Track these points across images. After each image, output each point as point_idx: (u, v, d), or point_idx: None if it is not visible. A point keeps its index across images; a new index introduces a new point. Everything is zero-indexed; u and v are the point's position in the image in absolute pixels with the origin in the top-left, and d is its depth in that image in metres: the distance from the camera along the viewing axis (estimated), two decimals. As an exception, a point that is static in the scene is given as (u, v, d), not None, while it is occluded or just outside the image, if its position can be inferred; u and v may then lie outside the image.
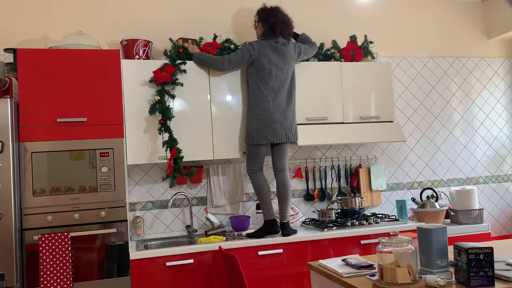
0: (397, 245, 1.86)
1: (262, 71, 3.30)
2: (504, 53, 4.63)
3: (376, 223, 3.56)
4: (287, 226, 3.28)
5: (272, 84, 3.30)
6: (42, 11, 3.46)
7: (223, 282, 3.06)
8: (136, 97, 3.23)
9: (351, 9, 4.19)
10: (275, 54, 3.33)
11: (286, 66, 3.35)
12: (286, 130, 3.31)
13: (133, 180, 3.55)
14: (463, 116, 4.45)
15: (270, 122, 3.26)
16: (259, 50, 3.31)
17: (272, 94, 3.29)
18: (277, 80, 3.31)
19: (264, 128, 3.26)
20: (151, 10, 3.69)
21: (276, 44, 3.35)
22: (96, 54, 3.00)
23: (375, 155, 4.15)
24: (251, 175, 3.34)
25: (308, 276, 3.18)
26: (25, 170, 2.82)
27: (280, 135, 3.29)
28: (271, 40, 3.36)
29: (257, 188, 3.31)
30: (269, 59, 3.31)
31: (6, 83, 2.97)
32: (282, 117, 3.30)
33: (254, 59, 3.32)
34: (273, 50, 3.33)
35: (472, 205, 3.85)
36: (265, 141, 3.27)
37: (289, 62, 3.37)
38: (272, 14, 3.38)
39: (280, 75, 3.32)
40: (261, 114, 3.28)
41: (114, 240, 2.93)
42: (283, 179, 3.33)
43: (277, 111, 3.28)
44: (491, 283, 1.76)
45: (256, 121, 3.29)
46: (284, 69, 3.34)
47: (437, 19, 4.45)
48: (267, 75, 3.30)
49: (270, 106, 3.27)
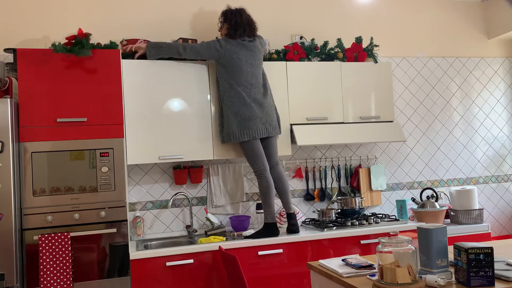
0: (397, 245, 1.86)
1: (231, 68, 3.29)
2: (504, 53, 4.63)
3: (376, 223, 3.56)
4: (294, 216, 3.30)
5: (244, 80, 3.29)
6: (42, 11, 3.46)
7: (223, 282, 3.06)
8: (136, 97, 3.23)
9: (351, 9, 4.19)
10: (244, 50, 3.32)
11: (256, 61, 3.36)
12: (266, 125, 3.30)
13: (133, 180, 3.55)
14: (463, 116, 4.45)
15: (249, 117, 3.25)
16: (226, 48, 3.29)
17: (246, 90, 3.28)
18: (250, 76, 3.30)
19: (244, 124, 3.25)
20: (150, 10, 3.69)
21: (243, 42, 3.35)
22: (96, 54, 3.00)
23: (375, 155, 4.15)
24: (259, 177, 3.31)
25: (308, 276, 3.17)
26: (25, 170, 2.82)
27: (261, 130, 3.28)
28: (238, 38, 3.35)
29: (264, 190, 3.29)
30: (238, 56, 3.29)
31: (6, 83, 2.97)
32: (261, 111, 3.29)
33: (221, 56, 3.29)
34: (241, 46, 3.32)
35: (472, 205, 3.85)
36: (247, 137, 3.25)
37: (258, 56, 3.38)
38: (237, 15, 3.38)
39: (252, 70, 3.32)
40: (238, 111, 3.25)
41: (114, 240, 2.93)
42: (277, 174, 3.35)
43: (255, 106, 3.28)
44: (491, 283, 1.76)
45: (234, 118, 3.26)
46: (254, 64, 3.34)
47: (437, 19, 4.45)
48: (238, 71, 3.28)
49: (246, 102, 3.26)
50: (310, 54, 3.75)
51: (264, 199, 3.30)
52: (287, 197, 3.35)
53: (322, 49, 3.78)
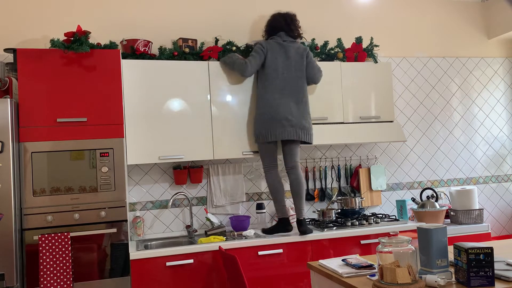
0: (397, 245, 1.86)
1: (268, 69, 3.33)
2: (504, 53, 4.63)
3: (376, 223, 3.56)
4: (303, 223, 3.27)
5: (279, 82, 3.30)
6: (42, 11, 3.46)
7: (223, 282, 3.06)
8: (136, 97, 3.23)
9: (351, 9, 4.19)
10: (282, 52, 3.35)
11: (293, 64, 3.36)
12: (296, 128, 3.28)
13: (133, 180, 3.55)
14: (463, 116, 4.45)
15: (276, 119, 3.26)
16: (267, 48, 3.35)
17: (278, 92, 3.29)
18: (284, 77, 3.32)
19: (270, 125, 3.26)
20: (151, 10, 3.69)
21: (284, 43, 3.38)
22: (96, 54, 3.00)
23: (375, 155, 4.15)
24: (265, 174, 3.36)
25: (308, 276, 3.18)
26: (25, 170, 2.82)
27: (289, 132, 3.26)
28: (278, 38, 3.40)
29: (270, 187, 3.34)
30: (275, 57, 3.33)
31: (6, 83, 2.98)
32: (290, 114, 3.27)
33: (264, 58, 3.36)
34: (280, 48, 3.36)
35: (472, 205, 3.85)
36: (273, 138, 3.26)
37: (296, 60, 3.37)
38: (280, 15, 3.46)
39: (287, 73, 3.33)
40: (266, 112, 3.28)
41: (114, 240, 2.93)
42: (295, 176, 3.31)
43: (284, 109, 3.27)
44: (491, 283, 1.76)
45: (262, 119, 3.30)
46: (291, 67, 3.35)
47: (437, 19, 4.45)
48: (272, 72, 3.32)
49: (276, 103, 3.27)
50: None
51: (271, 196, 3.36)
52: (299, 202, 3.29)
53: (322, 49, 3.78)
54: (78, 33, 2.93)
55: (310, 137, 3.34)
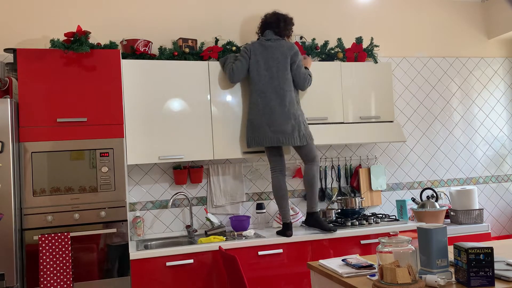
0: (397, 245, 1.86)
1: (251, 73, 3.29)
2: (504, 53, 4.63)
3: (376, 223, 3.56)
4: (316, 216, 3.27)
5: (261, 85, 3.24)
6: (42, 11, 3.46)
7: (223, 282, 3.06)
8: (136, 97, 3.23)
9: (351, 9, 4.19)
10: (264, 52, 3.27)
11: (275, 63, 3.24)
12: (278, 133, 3.17)
13: (133, 180, 3.55)
14: (463, 116, 4.45)
15: (259, 125, 3.22)
16: (251, 51, 3.30)
17: (261, 95, 3.23)
18: (265, 80, 3.23)
19: (254, 132, 3.25)
20: (151, 10, 3.69)
21: (266, 42, 3.30)
22: (96, 54, 3.00)
23: (375, 155, 4.15)
24: (271, 175, 3.36)
25: (308, 276, 3.18)
26: (25, 170, 2.82)
27: (270, 139, 3.19)
28: (262, 38, 3.34)
29: (273, 190, 3.34)
30: (257, 59, 3.27)
31: (6, 83, 2.98)
32: (271, 119, 3.18)
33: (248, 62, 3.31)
34: (263, 48, 3.29)
35: (472, 205, 3.85)
36: (255, 144, 3.25)
37: (278, 59, 3.26)
38: (271, 14, 3.40)
39: (269, 74, 3.24)
40: (251, 118, 3.27)
41: (114, 240, 2.93)
42: (306, 171, 3.30)
43: (266, 114, 3.20)
44: (491, 283, 1.76)
45: (248, 124, 3.30)
46: (273, 67, 3.24)
47: (437, 19, 4.45)
48: (255, 75, 3.27)
49: (259, 108, 3.22)
50: (311, 54, 3.75)
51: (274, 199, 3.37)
52: (309, 195, 3.29)
53: (322, 49, 3.78)
54: (78, 33, 2.93)
55: (293, 140, 3.17)
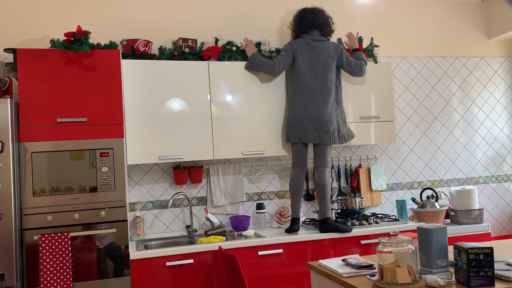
0: (397, 245, 1.86)
1: (296, 70, 3.35)
2: (504, 53, 4.63)
3: (376, 223, 3.56)
4: (330, 221, 3.30)
5: (306, 84, 3.31)
6: (42, 11, 3.46)
7: (223, 282, 3.06)
8: (136, 97, 3.23)
9: (351, 9, 4.19)
10: (311, 52, 3.35)
11: (322, 65, 3.34)
12: (320, 131, 3.29)
13: (133, 180, 3.55)
14: (463, 116, 4.45)
15: (301, 121, 3.29)
16: (297, 49, 3.36)
17: (306, 94, 3.31)
18: (311, 79, 3.32)
19: (295, 127, 3.31)
20: (151, 10, 3.69)
21: (313, 42, 3.37)
22: (96, 54, 3.00)
23: (375, 155, 4.15)
24: (292, 170, 3.41)
25: (308, 276, 3.18)
26: (25, 170, 2.82)
27: (312, 136, 3.30)
28: (308, 37, 3.39)
29: (289, 184, 3.41)
30: (304, 58, 3.34)
31: (6, 83, 2.97)
32: (316, 117, 3.29)
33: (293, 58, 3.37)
34: (309, 48, 3.36)
35: (472, 205, 3.85)
36: (296, 140, 3.32)
37: (325, 60, 3.36)
38: (317, 12, 3.45)
39: (316, 74, 3.33)
40: (294, 114, 3.33)
41: (114, 240, 2.93)
42: (318, 176, 3.36)
43: (311, 111, 3.29)
44: (491, 283, 1.76)
45: (290, 120, 3.35)
46: (319, 67, 3.34)
47: (438, 19, 4.45)
48: (300, 73, 3.33)
49: (303, 105, 3.30)
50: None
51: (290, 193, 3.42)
52: (321, 201, 3.35)
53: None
54: (78, 33, 2.93)
55: (334, 140, 3.33)
